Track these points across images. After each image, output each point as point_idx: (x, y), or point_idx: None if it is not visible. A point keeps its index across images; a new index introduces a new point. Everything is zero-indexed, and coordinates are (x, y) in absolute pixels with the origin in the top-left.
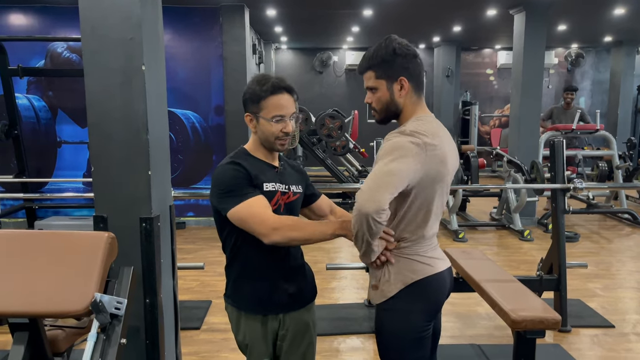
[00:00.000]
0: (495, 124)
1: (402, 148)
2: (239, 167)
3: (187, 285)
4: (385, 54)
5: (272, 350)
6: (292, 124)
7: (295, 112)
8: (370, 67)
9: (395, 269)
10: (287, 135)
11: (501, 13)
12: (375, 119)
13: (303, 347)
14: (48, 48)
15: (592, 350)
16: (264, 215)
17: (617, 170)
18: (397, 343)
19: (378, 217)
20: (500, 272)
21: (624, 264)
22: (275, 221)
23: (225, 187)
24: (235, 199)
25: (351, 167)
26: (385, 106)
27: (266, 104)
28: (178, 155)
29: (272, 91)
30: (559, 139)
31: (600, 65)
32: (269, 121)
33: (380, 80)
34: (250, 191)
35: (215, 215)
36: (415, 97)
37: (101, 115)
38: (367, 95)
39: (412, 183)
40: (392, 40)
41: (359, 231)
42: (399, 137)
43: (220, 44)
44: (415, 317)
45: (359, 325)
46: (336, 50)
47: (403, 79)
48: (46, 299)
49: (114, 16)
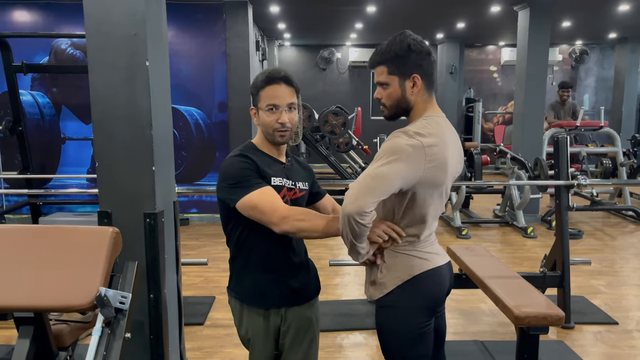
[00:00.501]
0: (498, 121)
1: (398, 151)
2: (247, 159)
3: (190, 281)
4: (399, 49)
5: (274, 345)
6: (287, 115)
7: (294, 103)
8: (382, 62)
9: (392, 265)
10: (283, 126)
11: (505, 9)
12: (384, 115)
13: (306, 343)
14: (52, 45)
15: (595, 347)
16: (275, 204)
17: (621, 167)
18: (398, 340)
19: (360, 219)
20: (504, 268)
21: (628, 261)
22: (286, 210)
23: (234, 178)
24: (244, 189)
25: (354, 164)
26: (396, 103)
27: (262, 95)
28: (182, 152)
29: (267, 81)
30: (563, 136)
31: (605, 62)
32: (264, 111)
33: (392, 76)
34: (259, 182)
35: (221, 208)
36: (427, 95)
37: (105, 112)
38: (377, 91)
39: (407, 186)
40: (406, 35)
41: (343, 230)
42: (399, 138)
43: (223, 41)
44: (415, 313)
45: (361, 321)
46: (339, 47)
47: (416, 76)
48: (51, 294)
49: (118, 13)
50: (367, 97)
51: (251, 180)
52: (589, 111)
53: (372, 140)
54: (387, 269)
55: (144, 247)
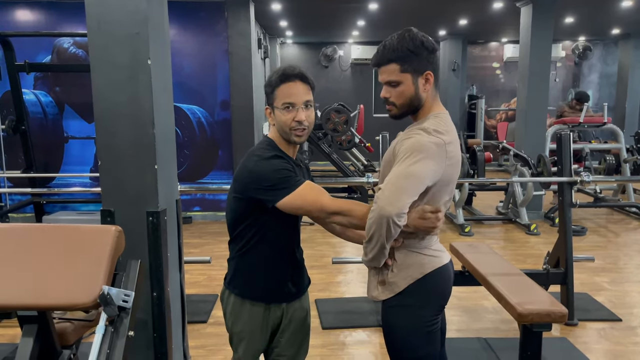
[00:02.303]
0: (501, 118)
1: (424, 149)
2: (282, 159)
3: (194, 279)
4: (413, 46)
5: (268, 341)
6: (304, 113)
7: (310, 100)
8: (394, 59)
9: (403, 264)
10: (300, 124)
11: (508, 6)
12: (392, 114)
13: (302, 335)
14: (54, 44)
15: (599, 344)
16: (318, 200)
17: (625, 163)
18: (409, 339)
19: (398, 221)
20: (507, 265)
21: (632, 258)
22: (331, 205)
23: (273, 179)
24: (286, 189)
25: (357, 162)
26: (409, 101)
27: (278, 93)
28: (184, 150)
29: (283, 79)
30: (566, 133)
31: (608, 58)
32: (280, 110)
33: (405, 74)
34: (299, 179)
35: (237, 207)
36: (434, 93)
37: (108, 110)
38: (385, 90)
39: (431, 184)
40: (416, 32)
41: (376, 233)
42: (420, 136)
43: (225, 39)
44: (425, 311)
45: (364, 318)
46: (342, 44)
47: (430, 73)
48: (54, 292)
49: (119, 11)
50: (370, 94)
51: (292, 179)
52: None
53: (375, 138)
54: (397, 268)
55: (147, 245)
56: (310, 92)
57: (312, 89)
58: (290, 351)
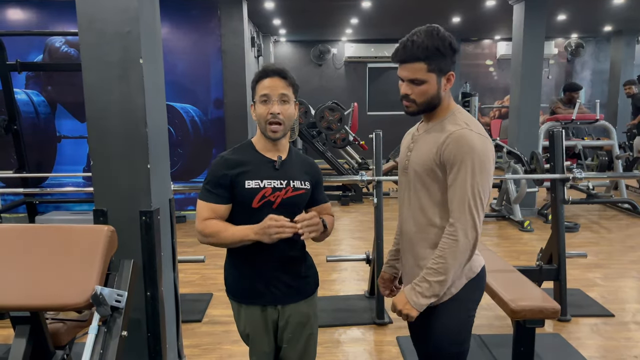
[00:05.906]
0: (495, 115)
1: (484, 151)
2: (222, 160)
3: (188, 278)
4: (442, 46)
5: (274, 340)
6: (279, 106)
7: (287, 95)
8: (423, 58)
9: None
10: (275, 117)
11: (500, 3)
12: (409, 111)
13: (303, 339)
14: (46, 43)
15: (591, 339)
16: (199, 216)
17: (617, 160)
18: (460, 336)
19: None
20: (500, 262)
21: (624, 254)
22: (200, 225)
23: (206, 178)
24: (203, 192)
25: (351, 160)
26: (429, 99)
27: (258, 88)
28: (178, 149)
29: (262, 75)
30: (558, 129)
31: (600, 55)
32: (258, 104)
33: (431, 74)
34: (209, 190)
35: None
36: (449, 91)
37: (100, 109)
38: (407, 86)
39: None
40: (444, 32)
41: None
42: (470, 133)
43: (218, 37)
44: (474, 306)
45: (359, 316)
46: (335, 42)
47: (452, 73)
48: (47, 293)
49: (111, 9)
50: (363, 92)
51: (205, 187)
52: (585, 104)
53: (369, 136)
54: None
55: (141, 245)
56: (289, 88)
57: (292, 86)
58: (292, 356)
